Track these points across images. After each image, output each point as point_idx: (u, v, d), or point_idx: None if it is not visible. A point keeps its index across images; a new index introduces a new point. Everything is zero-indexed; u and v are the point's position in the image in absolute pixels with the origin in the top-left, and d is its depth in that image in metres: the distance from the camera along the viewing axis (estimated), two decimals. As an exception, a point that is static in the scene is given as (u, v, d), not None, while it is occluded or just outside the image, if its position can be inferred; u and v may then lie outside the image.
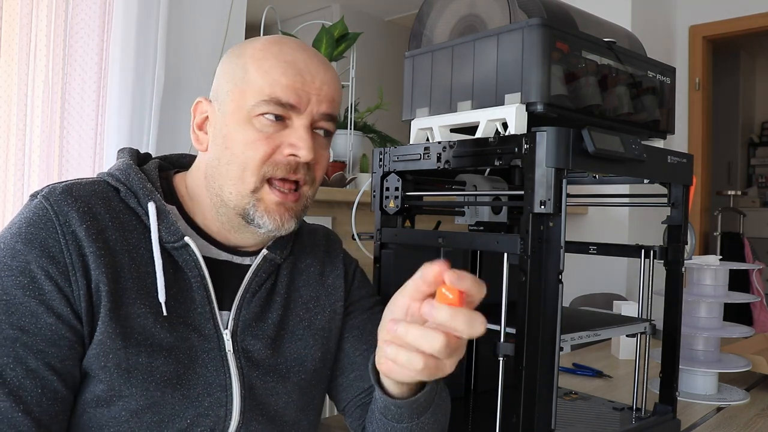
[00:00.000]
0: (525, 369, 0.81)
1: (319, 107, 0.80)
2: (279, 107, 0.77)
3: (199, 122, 0.84)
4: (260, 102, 0.77)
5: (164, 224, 0.77)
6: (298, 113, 0.79)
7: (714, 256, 1.39)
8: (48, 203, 0.72)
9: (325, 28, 2.04)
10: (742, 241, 4.01)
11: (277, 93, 0.77)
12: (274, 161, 0.78)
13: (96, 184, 0.78)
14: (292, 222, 0.81)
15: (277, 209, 0.79)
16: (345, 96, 2.20)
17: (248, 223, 0.80)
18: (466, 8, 1.00)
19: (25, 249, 0.70)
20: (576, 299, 2.46)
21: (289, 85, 0.78)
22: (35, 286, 0.69)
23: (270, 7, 2.01)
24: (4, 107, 1.42)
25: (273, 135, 0.78)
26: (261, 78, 0.78)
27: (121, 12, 1.49)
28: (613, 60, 0.97)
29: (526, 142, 0.82)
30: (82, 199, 0.74)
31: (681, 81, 3.35)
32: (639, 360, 1.08)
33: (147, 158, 0.88)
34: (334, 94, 0.82)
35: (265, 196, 0.79)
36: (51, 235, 0.71)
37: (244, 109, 0.78)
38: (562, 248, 0.82)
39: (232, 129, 0.79)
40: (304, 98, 0.79)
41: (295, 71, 0.78)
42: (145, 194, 0.78)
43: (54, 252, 0.70)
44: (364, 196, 1.26)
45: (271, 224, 0.79)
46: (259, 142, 0.77)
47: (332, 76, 0.82)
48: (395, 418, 0.78)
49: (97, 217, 0.74)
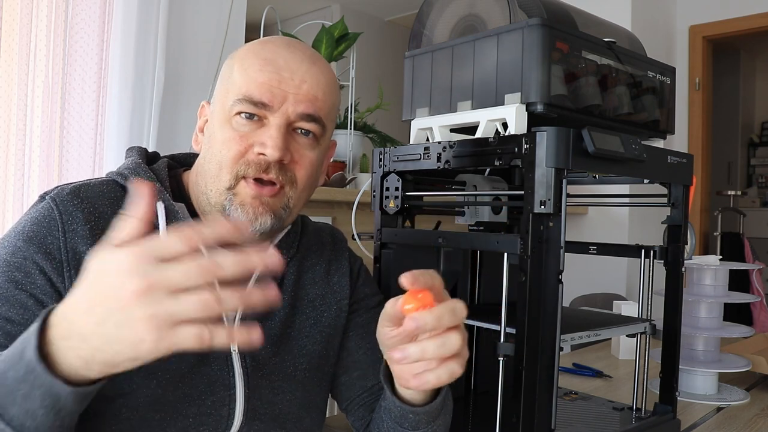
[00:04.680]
0: (525, 369, 0.81)
1: (296, 107, 0.78)
2: (252, 106, 0.77)
3: (201, 125, 0.86)
4: (236, 101, 0.78)
5: (172, 225, 0.78)
6: (272, 112, 0.78)
7: (714, 256, 1.38)
8: (54, 204, 0.73)
9: (325, 28, 2.04)
10: (742, 241, 4.01)
11: (251, 91, 0.77)
12: (246, 160, 0.77)
13: (104, 184, 0.78)
14: (267, 218, 0.78)
15: (251, 203, 0.78)
16: (345, 96, 2.20)
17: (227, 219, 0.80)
18: (466, 8, 1.00)
19: (24, 246, 0.71)
20: (576, 299, 2.45)
21: (264, 83, 0.77)
22: (28, 280, 0.69)
23: (270, 7, 2.01)
24: (4, 107, 1.42)
25: (247, 134, 0.78)
26: (240, 77, 0.78)
27: (121, 12, 1.49)
28: (613, 60, 0.97)
29: (526, 142, 0.82)
30: (89, 200, 0.75)
31: (681, 81, 3.35)
32: (639, 360, 1.08)
33: (156, 157, 0.88)
34: (316, 93, 0.80)
35: (241, 190, 0.78)
36: (51, 233, 0.71)
37: (225, 109, 0.79)
38: (562, 248, 0.82)
39: (216, 129, 0.80)
40: (279, 96, 0.77)
41: (272, 68, 0.78)
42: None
43: (51, 249, 0.71)
44: (364, 196, 1.26)
45: (244, 217, 0.78)
46: (232, 141, 0.77)
47: (317, 75, 0.80)
48: (412, 425, 0.78)
49: (104, 217, 0.74)
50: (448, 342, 0.64)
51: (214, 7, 1.70)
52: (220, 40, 1.70)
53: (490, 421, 0.92)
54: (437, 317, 0.62)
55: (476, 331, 1.18)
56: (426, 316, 0.62)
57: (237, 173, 0.77)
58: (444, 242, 0.96)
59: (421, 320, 0.62)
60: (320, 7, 4.65)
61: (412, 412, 0.77)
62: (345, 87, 2.18)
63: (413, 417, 0.77)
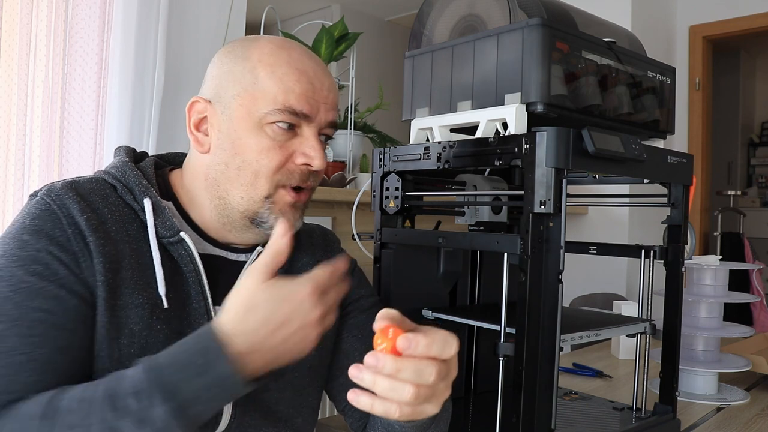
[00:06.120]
0: (525, 369, 0.81)
1: (326, 115, 0.81)
2: (293, 116, 0.78)
3: (196, 122, 0.82)
4: (274, 110, 0.77)
5: (160, 219, 0.78)
6: (309, 122, 0.80)
7: (714, 256, 1.39)
8: (49, 198, 0.73)
9: (325, 28, 2.04)
10: (742, 241, 4.01)
11: (291, 102, 0.78)
12: (287, 170, 0.79)
13: (94, 181, 0.79)
14: (300, 221, 0.84)
15: (290, 210, 0.81)
16: (345, 96, 2.20)
17: (257, 225, 0.81)
18: (466, 8, 1.00)
19: (33, 239, 0.71)
20: (576, 299, 2.45)
21: (302, 94, 0.78)
22: (50, 271, 0.70)
23: (270, 7, 2.00)
24: (4, 107, 1.42)
25: (285, 143, 0.79)
26: (275, 85, 0.78)
27: (121, 12, 1.49)
28: (613, 60, 0.97)
29: (526, 142, 0.82)
30: (81, 194, 0.75)
31: (681, 81, 3.35)
32: (639, 360, 1.08)
33: (143, 156, 0.89)
34: (337, 101, 0.84)
35: (280, 199, 0.80)
36: (57, 226, 0.72)
37: (255, 116, 0.78)
38: (562, 248, 0.82)
39: (242, 135, 0.79)
40: (315, 107, 0.80)
41: (307, 79, 0.79)
42: (140, 190, 0.79)
43: (62, 240, 0.71)
44: (364, 196, 1.26)
45: (281, 224, 0.79)
46: (272, 151, 0.78)
47: (334, 83, 0.84)
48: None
49: (97, 211, 0.75)
50: (399, 391, 0.60)
51: (214, 7, 1.70)
52: (220, 40, 1.70)
53: (490, 421, 0.92)
54: (396, 368, 0.60)
55: (476, 331, 1.18)
56: (386, 363, 0.60)
57: (277, 182, 0.79)
58: (444, 242, 0.96)
59: (381, 363, 0.60)
60: (320, 7, 4.65)
61: (397, 424, 0.78)
62: (345, 87, 2.18)
63: (399, 428, 0.78)
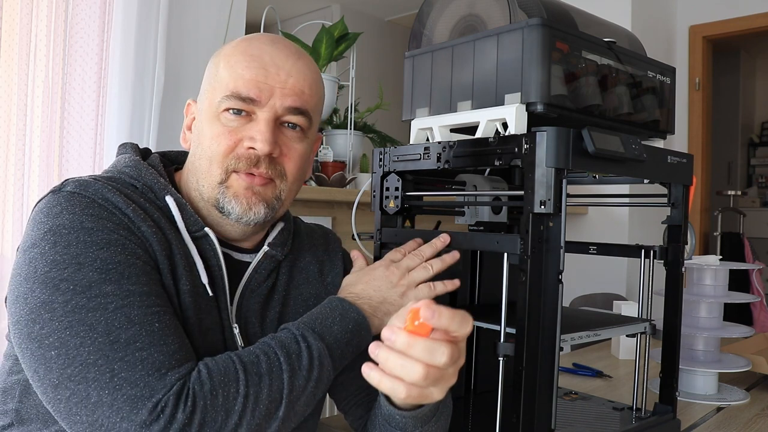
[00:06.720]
0: (525, 369, 0.81)
1: (283, 101, 0.80)
2: (240, 101, 0.79)
3: (188, 123, 0.87)
4: (224, 97, 0.79)
5: (185, 214, 0.79)
6: (260, 107, 0.80)
7: (714, 256, 1.39)
8: (88, 194, 0.73)
9: (325, 28, 2.04)
10: (742, 241, 4.01)
11: (239, 87, 0.79)
12: (236, 154, 0.80)
13: (114, 180, 0.79)
14: (261, 208, 0.81)
15: (244, 193, 0.80)
16: (345, 96, 2.20)
17: (221, 212, 0.81)
18: (466, 8, 1.00)
19: (97, 225, 0.70)
20: (576, 299, 2.45)
21: (251, 79, 0.79)
22: (130, 251, 0.70)
23: (270, 7, 2.00)
24: (4, 107, 1.42)
25: (236, 129, 0.80)
26: (227, 74, 0.80)
27: (121, 12, 1.49)
28: (613, 60, 0.97)
29: (526, 142, 0.82)
30: (117, 188, 0.75)
31: (681, 81, 3.35)
32: (639, 360, 1.08)
33: (147, 153, 0.89)
34: (302, 87, 0.82)
35: (233, 183, 0.80)
36: (111, 216, 0.72)
37: (213, 106, 0.81)
38: (562, 248, 0.82)
39: (204, 125, 0.81)
40: (266, 91, 0.79)
41: (258, 64, 0.79)
42: (160, 188, 0.80)
43: (125, 225, 0.72)
44: (364, 196, 1.26)
45: (238, 208, 0.80)
46: (222, 136, 0.79)
47: (302, 69, 0.82)
48: (399, 426, 0.78)
49: (137, 203, 0.76)
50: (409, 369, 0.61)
51: (214, 7, 1.70)
52: (220, 40, 1.70)
53: (490, 421, 0.92)
54: (407, 345, 0.61)
55: (476, 331, 1.18)
56: (398, 337, 0.61)
57: (228, 167, 0.80)
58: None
59: (393, 337, 0.61)
60: (320, 7, 4.65)
61: (398, 414, 0.77)
62: (345, 87, 2.18)
63: (399, 419, 0.78)
